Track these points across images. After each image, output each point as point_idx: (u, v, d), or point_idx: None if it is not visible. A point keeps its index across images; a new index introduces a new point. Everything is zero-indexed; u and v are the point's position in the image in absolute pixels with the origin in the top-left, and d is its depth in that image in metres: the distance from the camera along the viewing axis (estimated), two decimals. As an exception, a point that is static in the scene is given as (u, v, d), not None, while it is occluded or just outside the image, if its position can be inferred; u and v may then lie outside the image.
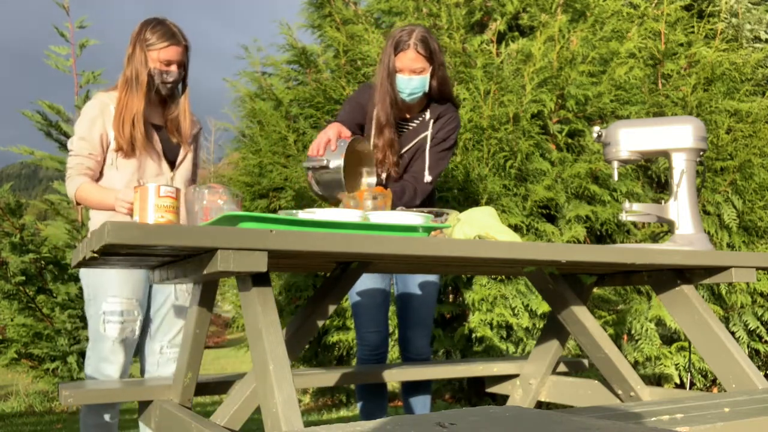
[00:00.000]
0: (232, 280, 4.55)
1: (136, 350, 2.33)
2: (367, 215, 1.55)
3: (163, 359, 2.33)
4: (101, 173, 2.25)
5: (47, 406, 4.83)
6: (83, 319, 4.71)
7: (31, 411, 4.70)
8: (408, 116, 2.42)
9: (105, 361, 2.18)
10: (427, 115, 2.41)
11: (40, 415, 4.52)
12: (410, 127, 2.42)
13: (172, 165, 2.34)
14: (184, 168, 2.37)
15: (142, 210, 1.56)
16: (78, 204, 2.25)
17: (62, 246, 4.77)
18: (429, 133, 2.39)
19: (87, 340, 4.68)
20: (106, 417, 2.18)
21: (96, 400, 1.86)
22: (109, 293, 2.17)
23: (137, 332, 2.24)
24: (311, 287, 4.19)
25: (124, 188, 2.12)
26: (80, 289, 4.69)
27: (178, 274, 1.53)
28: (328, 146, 2.00)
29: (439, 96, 2.40)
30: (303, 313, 1.65)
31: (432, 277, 2.50)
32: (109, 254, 1.36)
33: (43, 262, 4.69)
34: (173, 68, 2.25)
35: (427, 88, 2.32)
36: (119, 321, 2.17)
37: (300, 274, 4.18)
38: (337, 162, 1.97)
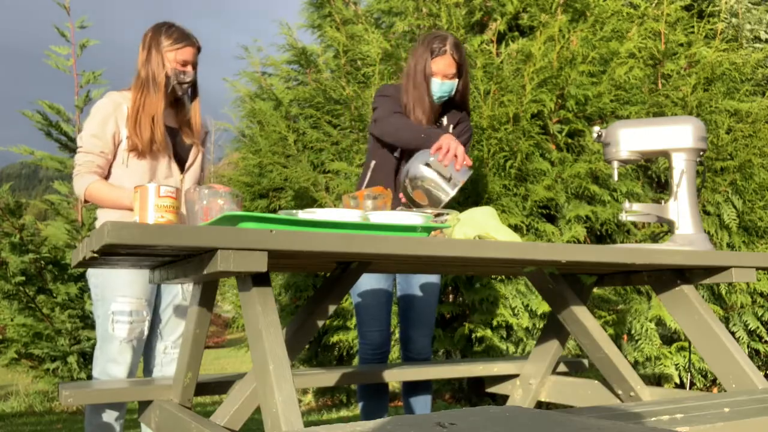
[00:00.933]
0: (232, 280, 4.55)
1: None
2: (367, 215, 1.55)
3: (167, 359, 2.33)
4: (109, 172, 2.25)
5: (47, 406, 4.83)
6: (83, 319, 4.71)
7: (31, 411, 4.70)
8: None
9: (112, 362, 2.16)
10: (445, 121, 2.47)
11: (40, 415, 4.52)
12: None
13: (182, 167, 2.34)
14: (194, 170, 2.37)
15: (142, 210, 1.56)
16: (86, 202, 2.23)
17: (62, 246, 4.77)
18: None
19: (87, 340, 4.71)
20: (112, 417, 2.17)
21: (96, 400, 1.86)
22: (118, 293, 2.16)
23: (146, 333, 2.23)
24: (311, 287, 4.19)
25: None
26: (80, 289, 4.69)
27: (178, 274, 1.53)
28: (455, 161, 2.05)
29: (460, 101, 2.47)
30: (303, 313, 1.65)
31: (433, 278, 2.51)
32: (109, 254, 1.36)
33: (43, 262, 4.69)
34: (189, 68, 2.26)
35: (453, 93, 2.40)
36: (128, 321, 2.16)
37: (300, 274, 4.18)
38: (453, 187, 2.00)
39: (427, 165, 2.02)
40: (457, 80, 2.38)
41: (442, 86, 2.36)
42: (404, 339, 2.54)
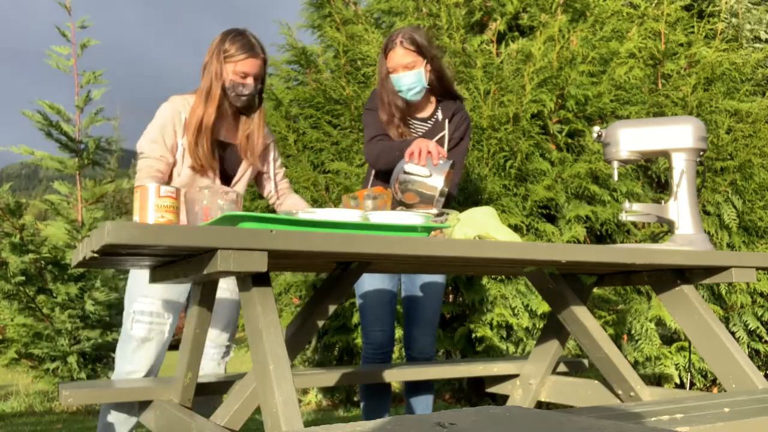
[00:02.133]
0: (232, 280, 4.55)
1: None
2: (367, 215, 1.55)
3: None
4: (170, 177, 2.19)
5: (47, 406, 4.83)
6: (83, 319, 4.72)
7: (31, 411, 4.70)
8: (419, 116, 2.44)
9: (128, 362, 2.14)
10: (440, 115, 2.43)
11: (40, 415, 4.52)
12: (424, 129, 2.43)
13: (228, 182, 2.26)
14: (241, 186, 2.29)
15: (142, 210, 1.55)
16: None
17: (62, 246, 4.78)
18: (446, 134, 2.42)
19: (87, 340, 4.71)
20: (124, 418, 2.15)
21: (95, 400, 1.86)
22: (140, 293, 2.14)
23: (167, 334, 2.18)
24: (311, 287, 4.19)
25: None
26: (80, 289, 4.70)
27: (179, 274, 1.53)
28: (430, 158, 2.04)
29: (442, 90, 2.42)
30: (303, 313, 1.65)
31: (438, 278, 2.51)
32: (109, 254, 1.36)
33: (43, 262, 4.69)
34: (249, 81, 2.17)
35: (425, 83, 2.33)
36: (148, 321, 2.13)
37: (300, 274, 4.18)
38: (438, 179, 2.00)
39: (406, 172, 2.03)
40: (419, 69, 2.30)
41: (405, 78, 2.29)
42: (407, 338, 2.53)
